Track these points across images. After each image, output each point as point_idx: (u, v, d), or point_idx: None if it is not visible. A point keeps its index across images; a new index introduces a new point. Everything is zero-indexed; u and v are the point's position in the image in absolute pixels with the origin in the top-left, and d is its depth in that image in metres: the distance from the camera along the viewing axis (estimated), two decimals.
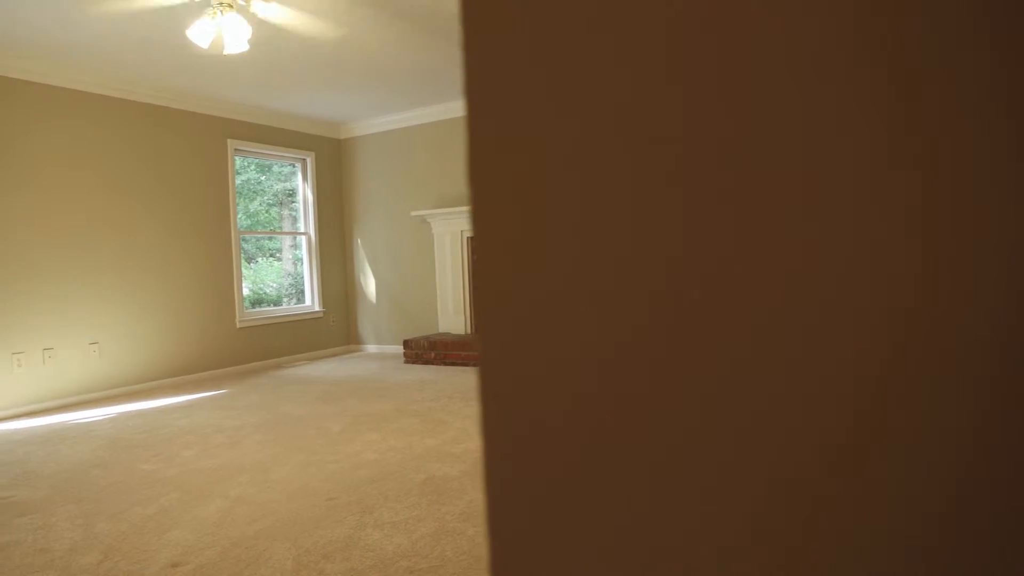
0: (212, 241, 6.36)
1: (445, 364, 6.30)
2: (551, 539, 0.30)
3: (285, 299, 11.98)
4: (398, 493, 2.80)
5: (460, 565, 2.13)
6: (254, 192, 11.79)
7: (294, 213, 12.57)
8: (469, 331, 6.77)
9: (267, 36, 4.54)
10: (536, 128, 0.30)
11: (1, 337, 4.88)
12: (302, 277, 11.95)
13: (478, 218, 0.32)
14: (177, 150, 6.07)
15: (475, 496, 2.72)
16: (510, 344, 0.31)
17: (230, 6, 3.66)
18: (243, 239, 6.96)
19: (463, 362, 6.21)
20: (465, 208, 6.51)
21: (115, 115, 5.61)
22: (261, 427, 4.14)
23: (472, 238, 0.33)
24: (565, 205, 0.29)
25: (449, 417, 4.15)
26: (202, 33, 3.72)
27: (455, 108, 6.80)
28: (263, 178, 11.87)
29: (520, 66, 0.30)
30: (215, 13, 3.69)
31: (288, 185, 12.33)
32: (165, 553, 2.32)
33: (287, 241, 12.32)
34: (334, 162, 7.73)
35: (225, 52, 3.90)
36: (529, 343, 0.30)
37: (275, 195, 12.46)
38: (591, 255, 0.29)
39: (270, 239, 11.67)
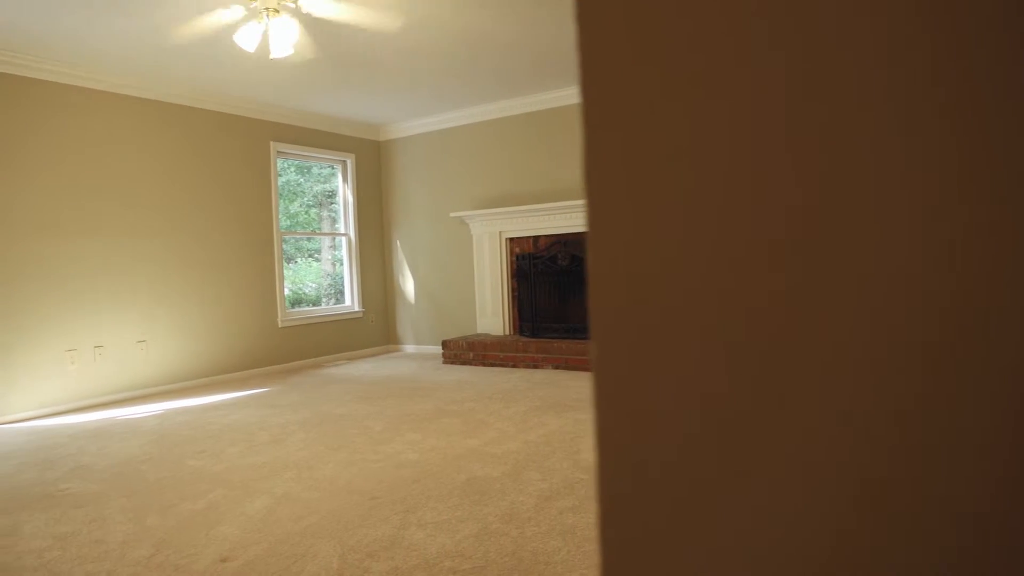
0: (255, 242, 6.47)
1: (484, 365, 6.31)
2: (670, 537, 0.30)
3: (324, 299, 12.16)
4: (440, 493, 2.81)
5: (504, 567, 2.13)
6: (294, 193, 11.97)
7: (333, 214, 12.73)
8: (507, 332, 6.78)
9: (317, 35, 4.60)
10: (665, 127, 0.29)
11: (55, 334, 5.03)
12: (341, 277, 12.10)
13: (601, 220, 0.31)
14: (222, 153, 6.20)
15: (517, 498, 2.72)
16: (633, 345, 0.30)
17: (276, 11, 3.71)
18: (283, 240, 7.06)
19: (501, 363, 6.22)
20: (505, 209, 6.54)
21: (162, 119, 5.75)
22: (304, 425, 4.19)
23: (589, 240, 0.32)
24: (695, 206, 0.29)
25: (489, 418, 4.16)
26: (249, 38, 3.78)
27: (494, 109, 6.82)
28: (302, 180, 12.05)
29: (648, 63, 0.29)
30: (262, 18, 3.75)
31: (327, 187, 12.49)
32: (213, 548, 2.36)
33: (326, 242, 12.50)
34: (373, 164, 7.80)
35: (271, 56, 3.96)
36: (654, 344, 0.29)
37: (314, 196, 12.65)
38: (721, 254, 0.28)
39: (308, 240, 11.85)
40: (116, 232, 5.40)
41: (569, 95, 6.36)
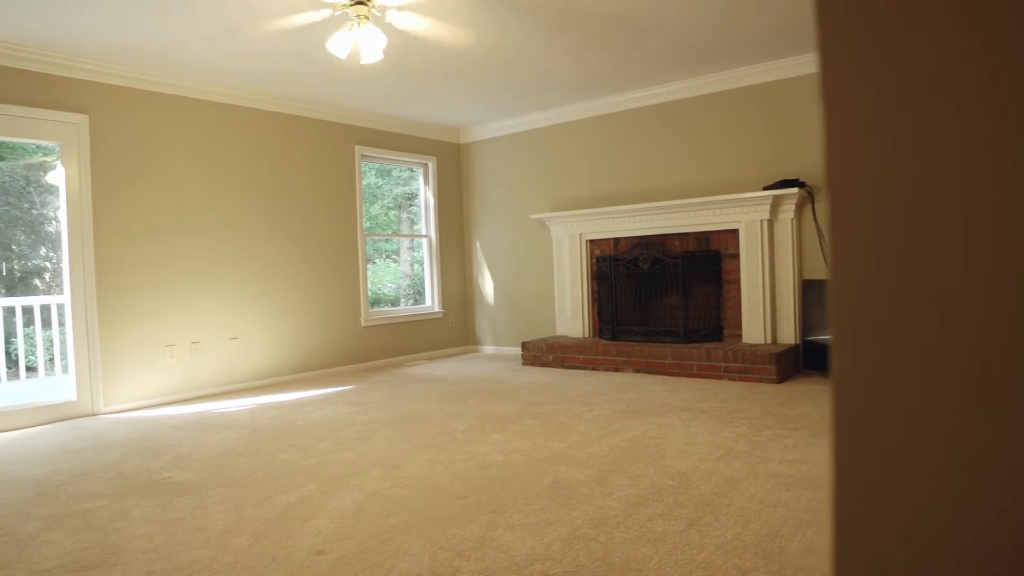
0: (340, 243, 6.65)
1: (563, 367, 6.28)
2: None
3: (402, 300, 12.38)
4: (527, 495, 2.81)
5: (594, 572, 2.10)
6: (374, 196, 12.24)
7: (412, 216, 12.95)
8: (587, 334, 6.73)
9: (398, 44, 4.69)
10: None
11: (156, 331, 5.30)
12: (419, 278, 12.30)
13: (857, 226, 0.29)
14: (310, 157, 6.40)
15: (604, 502, 2.68)
16: (887, 355, 0.28)
17: (366, 18, 3.80)
18: (365, 241, 7.21)
19: (581, 365, 6.18)
20: (585, 211, 6.50)
21: (252, 125, 5.98)
22: (389, 423, 4.27)
23: (835, 245, 0.30)
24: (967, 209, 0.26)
25: (572, 421, 4.13)
26: (341, 45, 3.88)
27: (574, 111, 6.79)
28: (381, 182, 12.31)
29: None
30: (353, 25, 3.85)
31: (407, 189, 12.73)
32: (309, 540, 2.43)
33: (404, 243, 12.73)
34: (454, 166, 7.89)
35: (362, 62, 4.05)
36: (916, 349, 0.27)
37: (394, 199, 12.90)
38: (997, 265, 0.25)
39: (386, 241, 12.08)
40: (212, 234, 5.65)
41: (649, 95, 6.27)
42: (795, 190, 5.39)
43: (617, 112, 6.57)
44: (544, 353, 6.44)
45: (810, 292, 5.36)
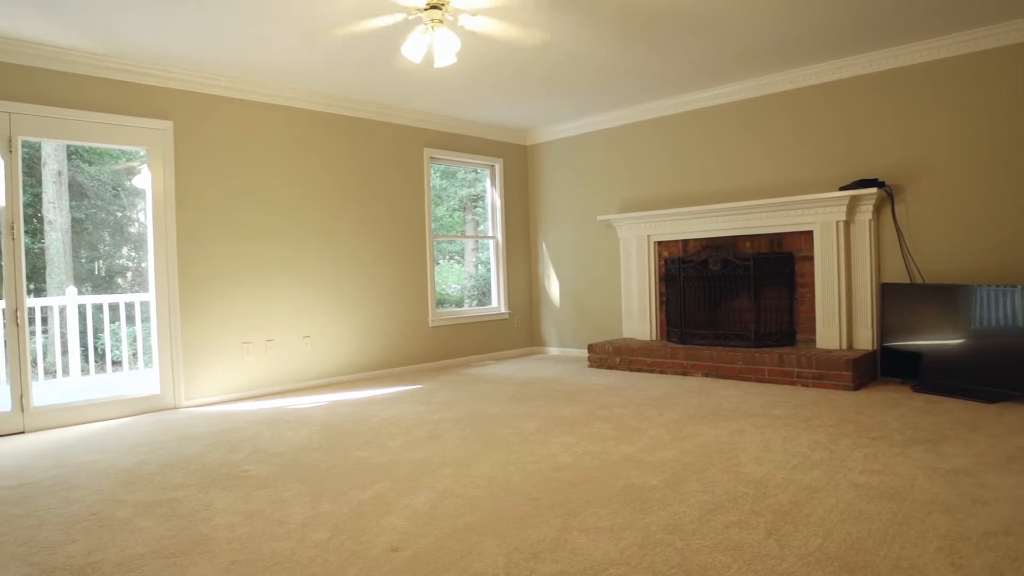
0: (409, 245, 6.75)
1: (630, 370, 6.22)
2: None
3: (466, 300, 12.48)
4: (599, 499, 2.79)
5: None
6: (439, 198, 12.40)
7: (476, 217, 13.07)
8: (654, 337, 6.65)
9: (469, 48, 4.73)
10: None
11: (233, 329, 5.48)
12: (483, 279, 12.37)
13: None
14: (380, 160, 6.52)
15: (679, 508, 2.64)
16: None
17: (440, 22, 3.84)
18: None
19: (648, 368, 6.10)
20: (653, 212, 6.42)
21: (326, 129, 6.12)
22: (458, 423, 4.31)
23: None
24: None
25: (642, 424, 4.08)
26: (415, 49, 3.94)
27: (641, 111, 6.72)
28: (446, 184, 12.45)
29: None
30: (427, 29, 3.90)
31: (471, 191, 12.85)
32: (384, 537, 2.47)
33: (469, 244, 12.85)
34: (521, 167, 7.91)
35: (435, 66, 4.10)
36: None
37: (459, 200, 13.03)
38: None
39: (449, 243, 12.21)
40: (287, 236, 5.82)
41: (720, 94, 6.15)
42: (874, 190, 5.21)
43: (687, 111, 6.48)
44: (611, 355, 6.39)
45: (889, 296, 5.17)
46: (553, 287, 7.76)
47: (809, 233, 5.65)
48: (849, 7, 4.33)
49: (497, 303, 7.72)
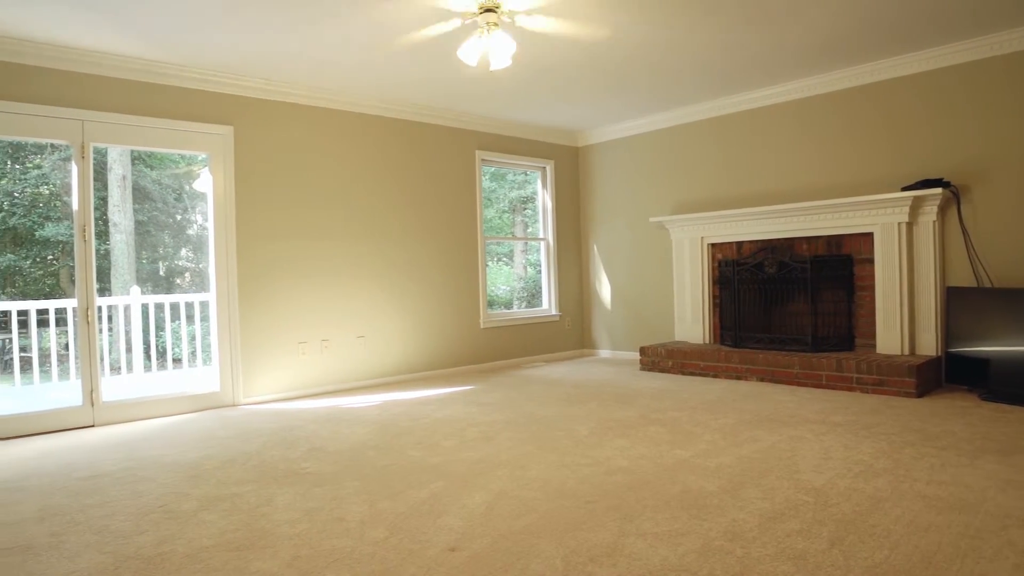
0: (460, 247, 6.80)
1: (682, 373, 6.15)
2: None
3: (515, 302, 12.50)
4: (656, 503, 2.76)
5: None
6: (488, 200, 12.45)
7: (526, 219, 13.09)
8: (707, 341, 6.56)
9: (524, 50, 4.74)
10: None
11: (290, 328, 5.61)
12: (532, 280, 12.37)
13: None
14: (433, 163, 6.59)
15: (737, 515, 2.60)
16: None
17: (496, 24, 3.86)
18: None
19: (701, 372, 6.02)
20: (707, 214, 6.34)
21: (380, 132, 6.22)
22: (511, 424, 4.32)
23: None
24: None
25: (697, 429, 4.03)
26: (470, 52, 3.97)
27: (694, 112, 6.64)
28: (495, 186, 12.50)
29: None
30: (482, 32, 3.92)
31: (521, 193, 12.87)
32: (442, 537, 2.49)
33: (518, 246, 12.87)
34: (572, 169, 7.90)
35: (491, 68, 4.12)
36: None
37: (509, 202, 13.06)
38: None
39: (497, 244, 12.25)
40: (342, 237, 5.92)
41: (776, 93, 6.03)
42: (938, 190, 5.04)
43: (742, 111, 6.37)
44: (663, 358, 6.33)
45: (955, 300, 4.99)
46: (604, 289, 7.72)
47: (869, 235, 5.50)
48: (914, 2, 4.21)
49: (548, 305, 7.72)
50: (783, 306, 5.98)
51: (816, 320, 5.66)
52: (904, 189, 5.23)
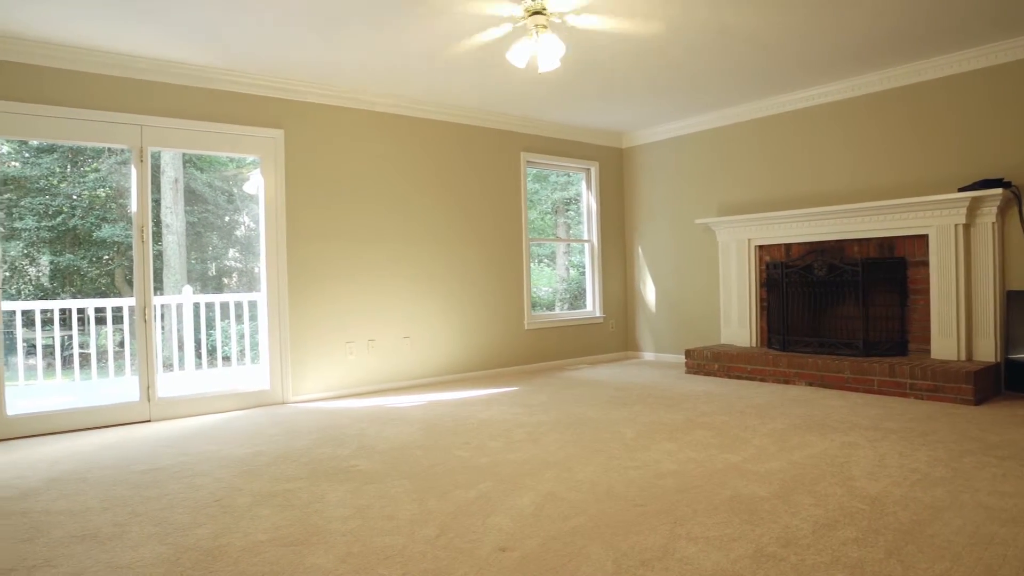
0: (505, 248, 6.83)
1: (729, 377, 6.07)
2: None
3: (557, 303, 12.49)
4: (706, 507, 2.74)
5: None
6: (531, 201, 12.46)
7: (568, 221, 13.06)
8: (754, 344, 6.46)
9: (572, 50, 4.73)
10: None
11: (338, 328, 5.69)
12: (575, 282, 12.33)
13: None
14: (479, 165, 6.62)
15: (790, 521, 2.56)
16: None
17: (545, 27, 3.87)
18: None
19: (748, 376, 5.94)
20: (754, 215, 6.25)
21: (427, 135, 6.28)
22: (557, 426, 4.32)
23: None
24: None
25: (745, 433, 3.98)
26: (519, 55, 3.98)
27: (742, 112, 6.55)
28: (537, 187, 12.50)
29: None
30: (532, 35, 3.94)
31: (563, 194, 12.85)
32: (491, 537, 2.50)
33: (560, 248, 12.85)
34: (616, 171, 7.86)
35: (540, 71, 4.13)
36: None
37: (551, 204, 13.06)
38: None
39: (538, 246, 12.24)
40: (389, 239, 6.00)
41: (826, 92, 5.92)
42: (999, 191, 4.89)
43: (790, 111, 6.27)
44: (709, 362, 6.26)
45: (1016, 305, 4.83)
46: (649, 291, 7.66)
47: (924, 237, 5.36)
48: None
49: (592, 307, 7.69)
50: (833, 309, 5.86)
51: (867, 324, 5.53)
52: (961, 189, 5.08)
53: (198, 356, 7.32)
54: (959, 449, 3.53)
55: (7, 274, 9.13)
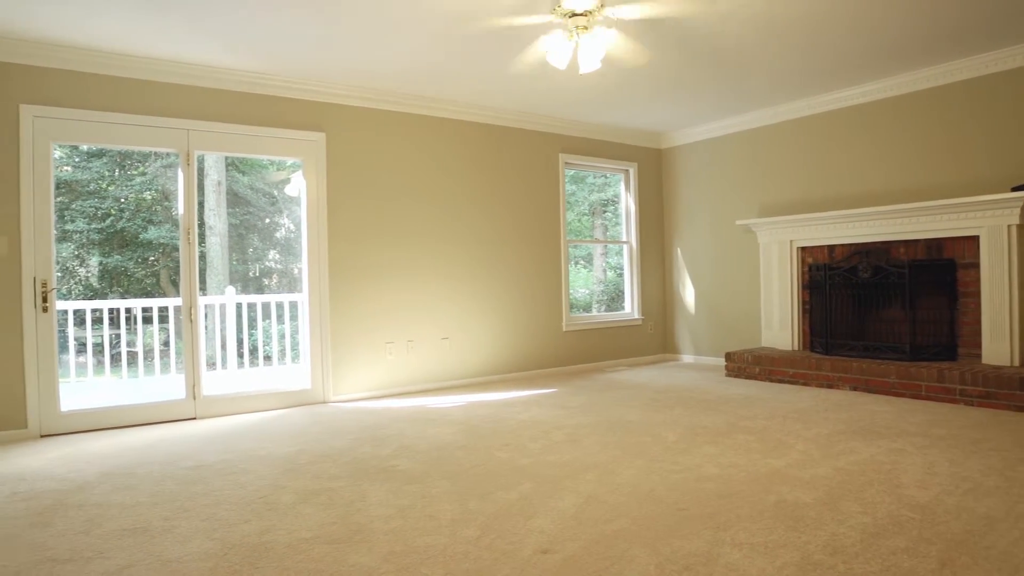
0: (543, 250, 6.82)
1: (770, 380, 5.98)
2: None
3: (594, 305, 12.43)
4: (750, 513, 2.70)
5: None
6: (568, 203, 12.41)
7: (605, 222, 12.99)
8: (796, 347, 6.36)
9: (612, 49, 4.71)
10: None
11: (378, 329, 5.75)
12: (612, 284, 12.26)
13: None
14: (518, 166, 6.63)
15: (837, 529, 2.51)
16: None
17: (586, 28, 3.86)
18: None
19: (790, 380, 5.84)
20: (796, 216, 6.14)
21: (467, 136, 6.31)
22: (596, 428, 4.30)
23: None
24: None
25: (788, 438, 3.92)
26: (560, 56, 3.98)
27: (782, 112, 6.44)
28: (574, 189, 12.46)
29: None
30: (572, 36, 3.93)
31: (601, 196, 12.78)
32: (533, 539, 2.50)
33: (597, 249, 12.79)
34: (655, 172, 7.80)
35: (580, 72, 4.12)
36: None
37: (589, 205, 13.01)
38: None
39: (576, 247, 12.19)
40: (428, 241, 6.04)
41: (870, 90, 5.79)
42: None
43: (834, 110, 6.15)
44: (750, 365, 6.17)
45: None
46: (688, 293, 7.59)
47: (974, 238, 5.21)
48: None
49: (630, 309, 7.65)
50: (878, 312, 5.73)
51: (915, 327, 5.40)
52: (1014, 189, 4.93)
53: (239, 355, 7.45)
54: (1014, 457, 3.42)
55: (58, 275, 9.41)
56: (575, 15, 3.86)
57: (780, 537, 2.45)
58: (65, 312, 6.42)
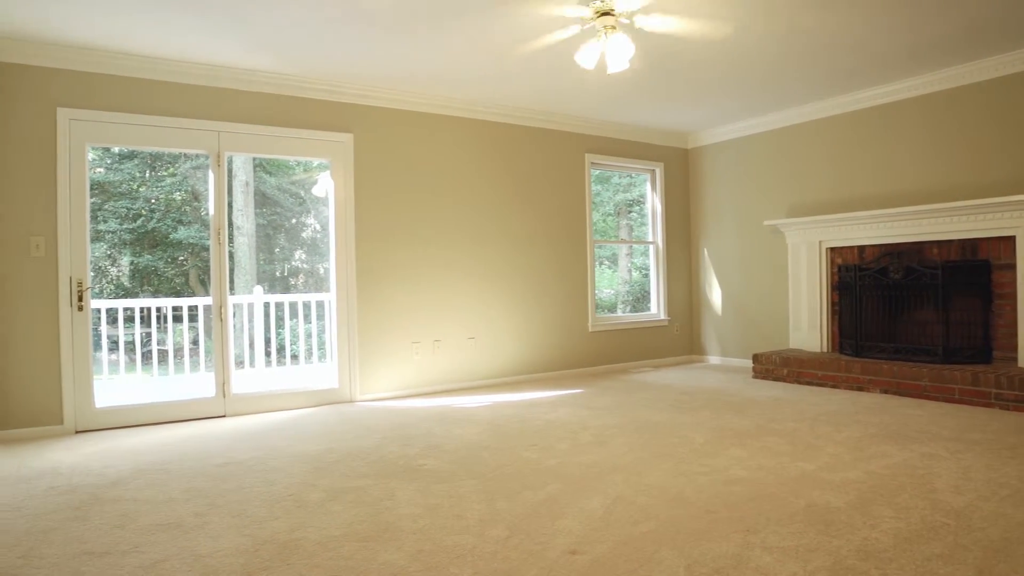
0: (569, 250, 6.81)
1: (798, 383, 5.91)
2: None
3: (620, 306, 12.38)
4: (780, 516, 2.67)
5: None
6: (593, 203, 12.39)
7: (631, 222, 12.93)
8: (824, 349, 6.28)
9: (639, 49, 4.69)
10: None
11: (404, 328, 5.78)
12: (638, 284, 12.20)
13: None
14: (544, 167, 6.63)
15: (869, 534, 2.47)
16: None
17: (614, 27, 3.85)
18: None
19: (819, 382, 5.77)
20: (826, 217, 6.07)
21: (493, 137, 6.32)
22: (623, 429, 4.29)
23: None
24: None
25: (818, 441, 3.87)
26: (588, 56, 3.97)
27: (813, 111, 6.37)
28: (600, 189, 12.42)
29: None
30: (600, 36, 3.92)
31: (626, 196, 12.73)
32: (561, 539, 2.50)
33: (623, 249, 12.74)
34: (681, 172, 7.75)
35: (608, 72, 4.11)
36: None
37: (614, 205, 12.96)
38: None
39: (601, 248, 12.14)
40: (455, 241, 6.06)
41: (900, 89, 5.69)
42: None
43: (863, 109, 6.06)
44: (778, 367, 6.11)
45: None
46: (715, 294, 7.53)
47: (1010, 239, 5.11)
48: None
49: (656, 309, 7.61)
50: (909, 314, 5.64)
51: (948, 329, 5.31)
52: None
53: (267, 354, 7.54)
54: None
55: (92, 274, 9.60)
56: (604, 14, 3.85)
57: (811, 541, 2.42)
58: (98, 311, 6.54)
